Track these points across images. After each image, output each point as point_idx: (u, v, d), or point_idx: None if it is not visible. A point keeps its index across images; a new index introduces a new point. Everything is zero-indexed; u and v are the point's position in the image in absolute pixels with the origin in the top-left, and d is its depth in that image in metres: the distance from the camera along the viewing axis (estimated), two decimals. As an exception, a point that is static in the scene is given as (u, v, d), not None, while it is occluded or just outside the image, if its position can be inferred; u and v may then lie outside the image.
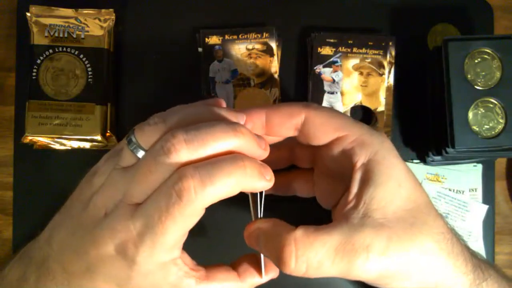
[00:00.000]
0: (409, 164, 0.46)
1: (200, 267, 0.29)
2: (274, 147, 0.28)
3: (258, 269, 0.30)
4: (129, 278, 0.24)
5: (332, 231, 0.26)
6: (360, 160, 0.28)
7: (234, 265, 0.30)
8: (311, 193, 0.36)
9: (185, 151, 0.23)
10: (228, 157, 0.24)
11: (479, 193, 0.46)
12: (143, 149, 0.25)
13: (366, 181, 0.27)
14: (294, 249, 0.25)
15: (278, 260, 0.26)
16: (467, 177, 0.46)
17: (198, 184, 0.23)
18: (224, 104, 0.29)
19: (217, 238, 0.45)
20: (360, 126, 0.29)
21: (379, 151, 0.28)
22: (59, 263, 0.26)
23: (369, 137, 0.28)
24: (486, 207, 0.45)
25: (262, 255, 0.29)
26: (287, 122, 0.29)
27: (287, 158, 0.36)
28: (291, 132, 0.30)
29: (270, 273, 0.30)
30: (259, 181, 0.25)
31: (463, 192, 0.46)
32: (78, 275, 0.25)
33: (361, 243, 0.25)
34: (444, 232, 0.28)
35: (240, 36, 0.45)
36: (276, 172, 0.27)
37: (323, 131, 0.29)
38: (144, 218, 0.23)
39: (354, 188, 0.27)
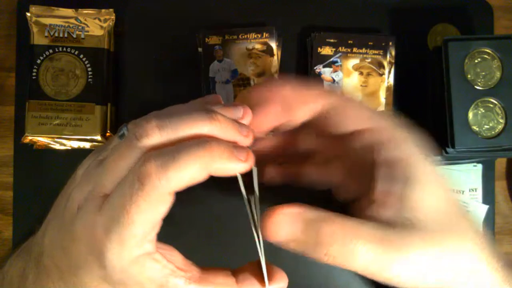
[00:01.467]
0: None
1: (194, 267, 0.27)
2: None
3: (261, 279, 0.28)
4: (108, 274, 0.24)
5: (364, 222, 0.24)
6: (388, 155, 0.26)
7: (234, 271, 0.29)
8: (325, 183, 0.32)
9: (157, 136, 0.23)
10: (195, 141, 0.23)
11: (479, 193, 0.46)
12: None
13: (397, 178, 0.25)
14: (331, 228, 0.24)
15: (314, 244, 0.24)
16: (467, 177, 0.46)
17: (160, 168, 0.22)
18: (222, 101, 0.28)
19: (220, 239, 0.45)
20: (387, 119, 0.27)
21: (408, 147, 0.26)
22: (51, 260, 0.26)
23: (397, 131, 0.26)
24: (486, 207, 0.45)
25: (263, 262, 0.27)
26: (312, 103, 0.27)
27: (286, 143, 0.33)
28: (307, 115, 0.28)
29: (275, 284, 0.28)
30: (230, 163, 0.24)
31: (463, 192, 0.46)
32: (67, 271, 0.25)
33: (399, 240, 0.23)
34: (477, 230, 0.26)
35: (240, 36, 0.45)
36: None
37: (352, 120, 0.27)
38: (110, 210, 0.23)
39: (380, 185, 0.25)
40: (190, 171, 0.22)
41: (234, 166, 0.24)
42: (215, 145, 0.23)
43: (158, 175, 0.22)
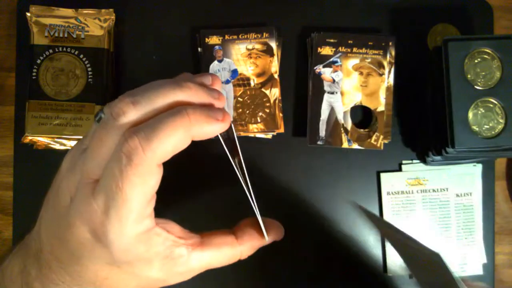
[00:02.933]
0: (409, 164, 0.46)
1: (194, 234, 0.28)
2: None
3: (259, 232, 0.29)
4: (112, 256, 0.24)
5: None
6: None
7: (233, 231, 0.30)
8: None
9: (132, 112, 0.23)
10: (171, 110, 0.24)
11: (478, 193, 0.46)
12: None
13: None
14: None
15: None
16: (466, 177, 0.46)
17: (144, 141, 0.22)
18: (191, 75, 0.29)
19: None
20: None
21: None
22: (50, 253, 0.26)
23: None
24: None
25: (259, 217, 0.28)
26: None
27: None
28: None
29: (273, 235, 0.29)
30: (209, 125, 0.24)
31: (462, 192, 0.46)
32: (68, 262, 0.25)
33: None
34: None
35: (240, 36, 0.45)
36: None
37: None
38: (104, 192, 0.23)
39: None
40: (172, 139, 0.23)
41: (213, 128, 0.25)
42: (191, 111, 0.24)
43: (144, 147, 0.22)
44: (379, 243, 0.46)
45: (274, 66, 0.45)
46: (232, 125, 0.27)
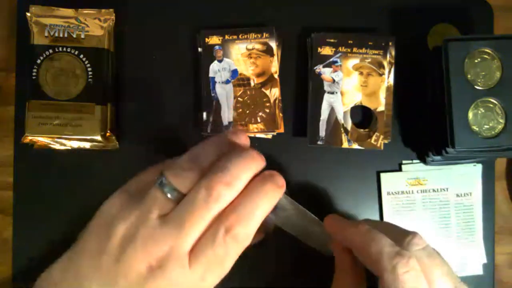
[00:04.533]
0: (412, 165, 0.46)
1: None
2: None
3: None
4: None
5: None
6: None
7: None
8: None
9: (228, 192, 0.27)
10: (254, 188, 0.28)
11: (478, 193, 0.46)
12: (180, 193, 0.27)
13: None
14: None
15: None
16: (466, 177, 0.46)
17: (244, 225, 0.26)
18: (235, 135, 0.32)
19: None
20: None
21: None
22: None
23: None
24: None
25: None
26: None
27: None
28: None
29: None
30: (280, 193, 0.28)
31: (462, 192, 0.46)
32: None
33: None
34: None
35: (240, 36, 0.45)
36: None
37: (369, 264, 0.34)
38: (205, 265, 0.26)
39: None
40: (262, 215, 0.28)
41: (280, 194, 0.29)
42: (269, 183, 0.28)
43: (247, 230, 0.27)
44: (379, 243, 0.46)
45: (274, 66, 0.45)
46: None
